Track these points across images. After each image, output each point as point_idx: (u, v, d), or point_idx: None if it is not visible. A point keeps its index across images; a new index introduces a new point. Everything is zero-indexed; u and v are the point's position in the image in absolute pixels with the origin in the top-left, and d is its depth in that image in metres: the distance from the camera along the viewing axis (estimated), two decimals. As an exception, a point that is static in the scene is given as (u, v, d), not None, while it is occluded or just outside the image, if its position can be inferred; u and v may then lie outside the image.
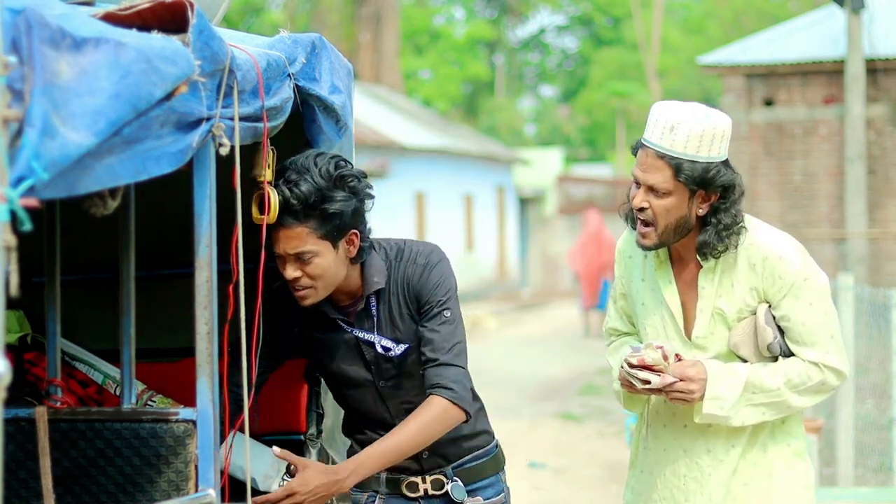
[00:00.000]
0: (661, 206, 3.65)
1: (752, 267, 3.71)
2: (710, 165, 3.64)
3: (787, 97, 17.44)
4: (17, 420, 3.52)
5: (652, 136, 3.65)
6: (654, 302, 3.84)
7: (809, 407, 3.76)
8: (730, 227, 3.68)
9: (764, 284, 3.71)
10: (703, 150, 3.62)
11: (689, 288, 3.79)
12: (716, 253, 3.70)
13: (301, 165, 3.42)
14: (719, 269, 3.74)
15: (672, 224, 3.67)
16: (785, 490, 3.80)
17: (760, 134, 17.51)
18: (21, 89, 2.32)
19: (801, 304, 3.71)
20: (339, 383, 3.68)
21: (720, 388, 3.64)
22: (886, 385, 9.65)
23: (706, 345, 3.75)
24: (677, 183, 3.63)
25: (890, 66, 17.02)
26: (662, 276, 3.81)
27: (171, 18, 2.94)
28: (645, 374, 3.60)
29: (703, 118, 3.63)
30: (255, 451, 3.99)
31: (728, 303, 3.73)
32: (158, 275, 4.53)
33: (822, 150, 17.37)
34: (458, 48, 49.05)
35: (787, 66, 17.30)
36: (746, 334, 3.73)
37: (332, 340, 3.64)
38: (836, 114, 17.24)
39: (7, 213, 2.22)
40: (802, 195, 17.44)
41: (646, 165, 3.65)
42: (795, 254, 3.74)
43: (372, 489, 3.72)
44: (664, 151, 3.62)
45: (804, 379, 3.70)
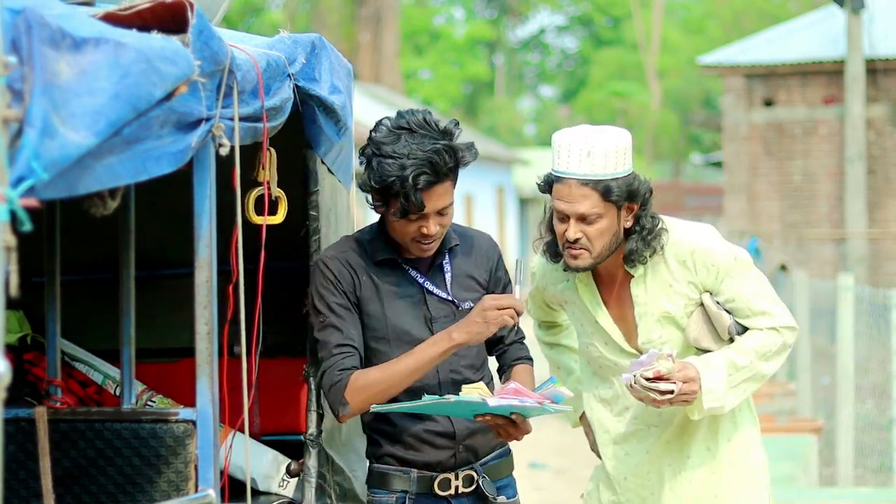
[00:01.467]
0: (595, 231, 3.68)
1: (683, 263, 3.78)
2: (631, 178, 3.69)
3: (787, 97, 17.45)
4: (17, 420, 3.52)
5: (569, 165, 3.66)
6: (589, 322, 3.90)
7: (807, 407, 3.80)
8: (652, 231, 3.74)
9: (700, 276, 3.78)
10: (619, 165, 3.66)
11: (621, 301, 3.84)
12: (643, 259, 3.75)
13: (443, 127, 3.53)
14: (649, 275, 3.79)
15: (606, 244, 3.71)
16: (750, 476, 3.90)
17: (760, 134, 17.51)
18: (21, 89, 2.32)
19: (739, 282, 3.79)
20: (395, 341, 3.59)
21: (711, 381, 3.71)
22: (886, 385, 9.65)
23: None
24: (607, 204, 3.66)
25: (890, 66, 17.03)
26: (590, 300, 3.86)
27: (171, 18, 2.94)
28: (665, 385, 3.61)
29: (610, 136, 3.67)
30: (255, 450, 3.99)
31: (672, 303, 3.79)
32: (158, 275, 4.53)
33: (822, 150, 17.38)
34: (458, 48, 49.06)
35: (787, 66, 17.31)
36: (702, 326, 3.80)
37: (399, 294, 3.61)
38: (836, 114, 17.25)
39: (7, 213, 2.23)
40: (802, 195, 17.44)
41: (571, 196, 3.66)
42: (717, 240, 3.82)
43: (401, 489, 3.63)
44: (588, 177, 3.64)
45: (769, 346, 3.79)
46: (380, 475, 3.65)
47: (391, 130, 3.50)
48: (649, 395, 3.61)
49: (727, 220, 17.86)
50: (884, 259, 17.08)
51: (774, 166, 17.48)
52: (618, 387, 3.89)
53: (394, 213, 3.50)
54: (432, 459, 3.61)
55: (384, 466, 3.64)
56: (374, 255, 3.61)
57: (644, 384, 3.60)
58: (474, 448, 3.65)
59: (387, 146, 3.48)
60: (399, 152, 3.46)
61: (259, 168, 3.43)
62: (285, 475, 4.04)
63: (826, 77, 17.26)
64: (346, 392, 3.51)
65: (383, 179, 3.46)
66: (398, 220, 3.52)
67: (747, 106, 17.46)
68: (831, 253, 17.16)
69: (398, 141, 3.48)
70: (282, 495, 4.03)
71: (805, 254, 17.08)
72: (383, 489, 3.65)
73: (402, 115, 3.54)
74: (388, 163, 3.46)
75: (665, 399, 3.63)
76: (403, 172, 3.44)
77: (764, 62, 17.40)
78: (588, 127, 3.72)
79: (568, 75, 55.91)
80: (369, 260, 3.61)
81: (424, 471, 3.62)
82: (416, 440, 3.61)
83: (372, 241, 3.63)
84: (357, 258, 3.61)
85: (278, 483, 4.04)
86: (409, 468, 3.62)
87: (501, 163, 34.10)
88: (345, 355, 3.54)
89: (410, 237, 3.55)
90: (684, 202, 41.05)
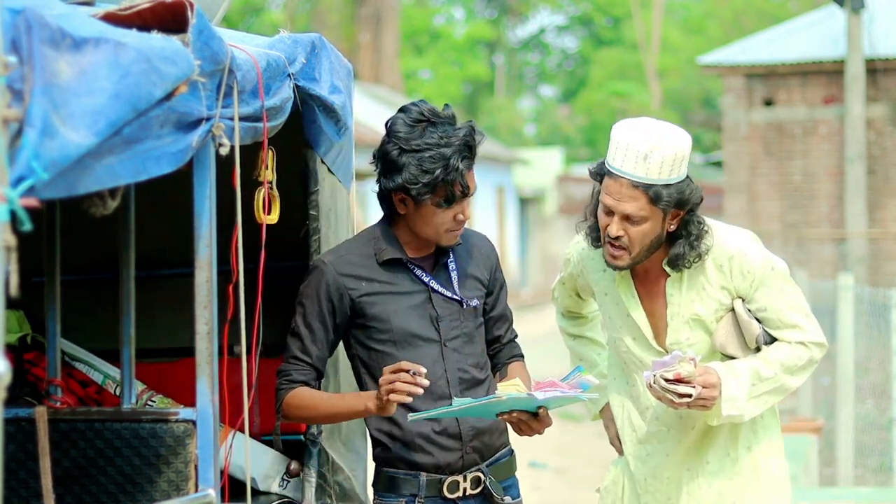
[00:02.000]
0: (637, 231, 3.66)
1: (720, 268, 3.75)
2: (683, 185, 3.65)
3: (787, 97, 17.44)
4: (17, 420, 3.52)
5: (624, 165, 3.62)
6: (620, 316, 3.87)
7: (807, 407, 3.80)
8: (699, 237, 3.72)
9: (735, 282, 3.75)
10: (674, 172, 3.63)
11: (656, 298, 3.82)
12: (688, 263, 3.73)
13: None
14: (686, 276, 3.77)
15: (647, 245, 3.69)
16: (770, 485, 3.85)
17: (760, 134, 17.51)
18: (21, 89, 2.32)
19: (774, 293, 3.76)
20: (401, 343, 3.59)
21: (732, 389, 3.67)
22: (886, 385, 9.65)
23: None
24: (654, 209, 3.63)
25: (890, 66, 17.02)
26: (625, 292, 3.84)
27: (171, 18, 2.94)
28: (683, 387, 3.60)
29: (671, 141, 3.62)
30: (255, 450, 3.99)
31: (704, 307, 3.77)
32: (158, 275, 4.53)
33: (822, 150, 17.37)
34: (458, 48, 49.04)
35: (787, 66, 17.30)
36: (730, 332, 3.78)
37: (405, 294, 3.61)
38: (836, 114, 17.24)
39: (7, 213, 2.23)
40: (802, 195, 17.44)
41: (620, 195, 3.64)
42: (756, 247, 3.79)
43: (410, 493, 3.61)
44: (640, 181, 3.61)
45: (795, 360, 3.77)
46: (388, 479, 3.63)
47: (412, 125, 3.50)
48: (667, 396, 3.60)
49: (727, 220, 17.82)
50: (884, 259, 17.07)
51: (774, 166, 17.47)
52: (640, 384, 3.87)
53: (438, 203, 3.51)
54: (441, 462, 3.60)
55: (392, 470, 3.62)
56: (379, 257, 3.60)
57: (663, 385, 3.59)
58: (480, 449, 3.65)
59: (415, 140, 3.49)
60: (433, 142, 3.48)
61: (260, 168, 3.43)
62: (285, 475, 4.04)
63: (826, 77, 17.24)
64: (283, 405, 3.60)
65: (429, 171, 3.47)
66: (440, 211, 3.53)
67: (747, 106, 17.45)
68: (831, 253, 17.15)
69: (425, 133, 3.49)
70: (282, 495, 4.03)
71: (805, 254, 17.07)
72: (391, 493, 3.63)
73: (410, 109, 3.54)
74: (427, 155, 3.47)
75: (683, 402, 3.61)
76: (448, 159, 3.47)
77: (764, 62, 17.39)
78: (650, 124, 3.65)
79: (568, 75, 55.88)
80: (373, 262, 3.60)
81: (433, 473, 3.61)
82: (425, 442, 3.60)
83: (376, 243, 3.62)
84: (359, 262, 3.60)
85: (278, 483, 4.04)
86: (418, 471, 3.61)
87: (501, 163, 34.09)
88: (297, 368, 3.60)
89: (446, 227, 3.56)
90: (684, 202, 40.95)
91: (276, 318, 3.93)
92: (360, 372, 3.65)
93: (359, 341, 3.63)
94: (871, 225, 16.97)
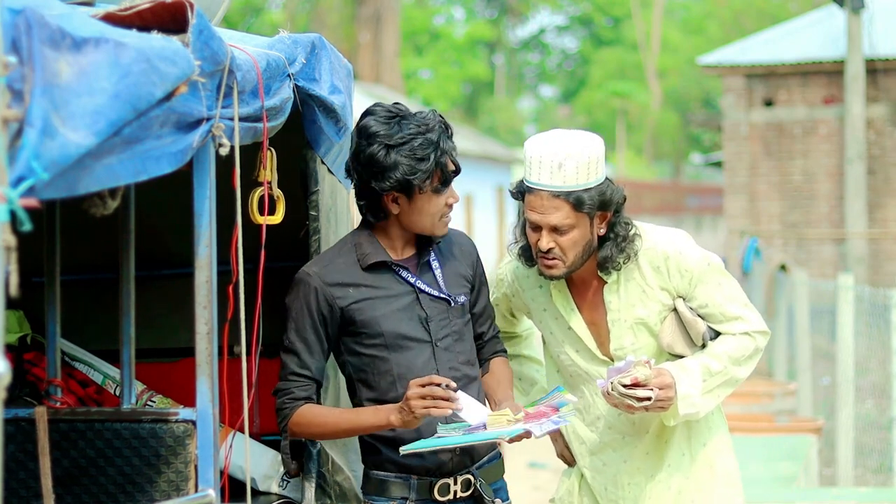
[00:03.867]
0: (567, 240, 3.67)
1: (657, 269, 3.78)
2: (603, 187, 3.67)
3: (787, 97, 17.45)
4: (17, 420, 3.52)
5: (540, 177, 3.64)
6: (561, 330, 3.88)
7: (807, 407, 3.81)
8: (626, 237, 3.74)
9: (673, 282, 3.78)
10: (591, 175, 3.65)
11: (595, 307, 3.84)
12: (617, 266, 3.75)
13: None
14: (622, 281, 3.79)
15: (580, 252, 3.71)
16: (725, 479, 3.90)
17: (760, 134, 17.51)
18: (21, 89, 2.32)
19: (712, 288, 3.79)
20: (392, 346, 3.58)
21: (686, 387, 3.71)
22: (886, 385, 9.64)
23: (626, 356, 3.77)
24: (579, 214, 3.65)
25: (890, 66, 17.03)
26: (563, 305, 3.85)
27: (170, 18, 2.94)
28: (643, 391, 3.61)
29: (582, 147, 3.64)
30: (255, 451, 3.99)
31: (646, 309, 3.79)
32: (158, 275, 4.53)
33: (821, 150, 17.38)
34: (458, 48, 49.06)
35: (787, 66, 17.30)
36: (675, 332, 3.80)
37: (393, 297, 3.60)
38: (835, 114, 17.25)
39: (7, 213, 2.23)
40: (802, 195, 17.44)
41: (543, 208, 3.65)
42: (689, 244, 3.82)
43: (401, 496, 3.61)
44: (559, 190, 3.63)
45: (742, 351, 3.80)
46: (378, 482, 3.62)
47: (387, 122, 3.51)
48: (626, 401, 3.61)
49: (727, 220, 17.86)
50: (884, 259, 17.08)
51: (774, 166, 17.48)
52: (588, 396, 3.89)
53: (436, 188, 3.52)
54: (432, 464, 3.60)
55: (383, 473, 3.61)
56: (363, 262, 3.59)
57: (622, 391, 3.60)
58: (470, 451, 3.65)
59: (398, 135, 3.49)
60: (414, 132, 3.49)
61: (259, 168, 3.43)
62: (285, 475, 4.04)
63: (826, 77, 17.25)
64: (290, 423, 3.58)
65: (424, 157, 3.48)
66: (435, 197, 3.54)
67: (747, 106, 17.46)
68: (831, 253, 17.15)
69: (402, 127, 3.50)
70: (282, 495, 4.03)
71: (805, 254, 17.08)
72: (382, 496, 3.62)
73: (376, 111, 3.54)
74: (417, 144, 3.48)
75: (642, 406, 3.63)
76: (437, 142, 3.50)
77: (764, 62, 17.39)
78: (560, 134, 3.69)
79: (568, 75, 55.91)
80: (357, 268, 3.58)
81: (424, 476, 3.60)
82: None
83: (358, 248, 3.60)
84: (344, 269, 3.58)
85: (278, 483, 4.04)
86: (409, 474, 3.60)
87: (501, 163, 34.10)
88: (299, 384, 3.57)
89: (439, 214, 3.58)
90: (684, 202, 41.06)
91: (276, 318, 3.93)
92: (351, 378, 3.64)
93: (349, 348, 3.61)
94: (871, 225, 16.98)
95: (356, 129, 3.55)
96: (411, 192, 3.51)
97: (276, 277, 3.82)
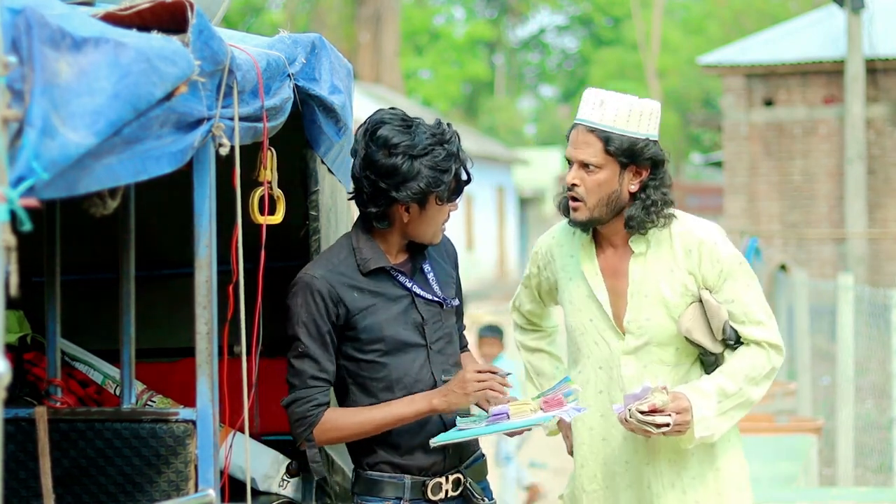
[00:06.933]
0: (592, 181, 3.71)
1: (688, 252, 3.77)
2: (639, 139, 3.71)
3: (787, 97, 17.45)
4: (17, 420, 3.52)
5: (582, 113, 3.74)
6: (581, 297, 3.87)
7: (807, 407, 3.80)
8: (657, 204, 3.74)
9: (703, 269, 3.77)
10: (631, 124, 3.71)
11: (619, 276, 3.83)
12: (643, 229, 3.75)
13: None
14: (651, 255, 3.79)
15: (604, 199, 3.73)
16: (732, 482, 3.87)
17: (760, 134, 17.51)
18: (21, 89, 2.32)
19: (741, 286, 3.79)
20: (391, 352, 3.58)
21: (702, 409, 3.69)
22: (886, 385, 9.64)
23: (639, 331, 3.78)
24: (607, 156, 3.70)
25: (890, 66, 17.03)
26: (589, 270, 3.85)
27: (170, 18, 2.94)
28: (662, 418, 3.61)
29: (631, 97, 3.74)
30: (255, 451, 3.99)
31: (670, 288, 3.77)
32: (158, 275, 4.53)
33: (821, 150, 17.38)
34: (458, 48, 49.05)
35: (787, 66, 17.31)
36: (696, 318, 3.77)
37: (392, 302, 3.60)
38: (835, 114, 17.25)
39: (7, 213, 2.23)
40: (802, 195, 17.44)
41: (577, 142, 3.74)
42: (726, 239, 3.83)
43: (394, 496, 3.60)
44: (594, 125, 3.70)
45: (758, 370, 3.78)
46: (371, 482, 3.62)
47: (404, 131, 3.50)
48: (643, 427, 3.61)
49: (727, 220, 17.86)
50: (884, 259, 17.08)
51: (774, 166, 17.48)
52: (588, 370, 3.86)
53: (450, 196, 3.55)
54: (425, 464, 3.61)
55: (377, 474, 3.61)
56: (364, 267, 3.58)
57: (640, 418, 3.60)
58: (459, 451, 3.67)
59: (420, 145, 3.49)
60: (433, 142, 3.51)
61: (259, 168, 3.43)
62: (285, 475, 4.04)
63: (826, 77, 17.25)
64: (316, 430, 3.54)
65: (447, 169, 3.51)
66: (443, 206, 3.57)
67: (747, 106, 17.46)
68: (831, 253, 17.15)
69: (418, 136, 3.50)
70: (282, 495, 4.03)
71: (805, 254, 17.08)
72: (374, 496, 3.62)
73: (390, 119, 3.53)
74: (437, 154, 3.50)
75: (660, 432, 3.62)
76: (456, 154, 3.53)
77: (764, 62, 17.40)
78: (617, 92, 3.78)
79: (568, 75, 55.90)
80: (358, 273, 3.58)
81: (417, 476, 3.61)
82: (410, 445, 3.60)
83: (358, 253, 3.59)
84: (346, 273, 3.57)
85: (278, 483, 4.04)
86: (402, 474, 3.60)
87: (501, 163, 34.09)
88: (320, 389, 3.55)
89: (440, 223, 3.61)
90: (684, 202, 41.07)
91: (276, 318, 3.93)
92: (345, 382, 3.63)
93: (345, 353, 3.60)
94: (871, 225, 16.98)
95: (369, 137, 3.52)
96: (426, 203, 3.53)
97: (277, 277, 3.81)
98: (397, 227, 3.59)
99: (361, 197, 3.56)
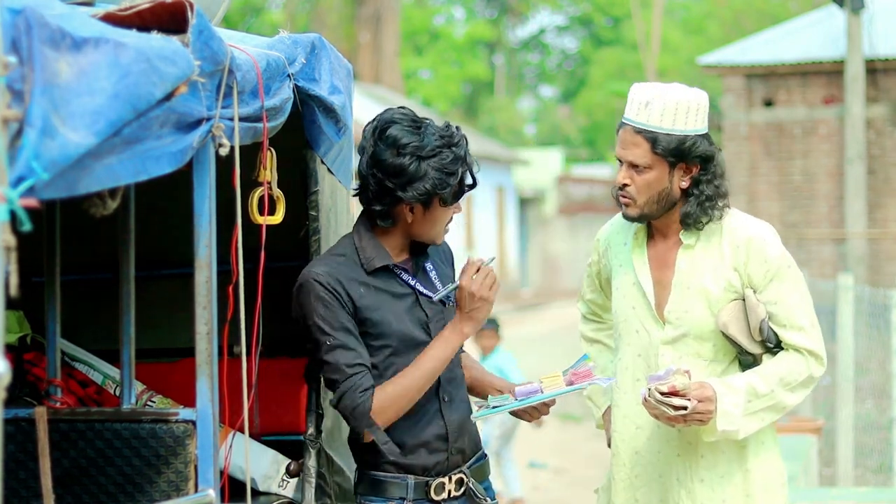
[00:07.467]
0: (642, 181, 3.71)
1: (736, 248, 3.76)
2: (686, 137, 3.69)
3: (787, 97, 17.45)
4: (17, 420, 3.52)
5: (629, 113, 3.73)
6: (628, 285, 3.87)
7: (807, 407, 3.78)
8: (712, 199, 3.74)
9: (750, 267, 3.75)
10: (678, 122, 3.69)
11: (665, 266, 3.82)
12: (699, 224, 3.75)
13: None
14: (699, 248, 3.78)
15: (654, 197, 3.73)
16: (761, 484, 3.82)
17: (760, 134, 17.51)
18: (21, 89, 2.32)
19: (787, 289, 3.76)
20: (398, 348, 3.57)
21: (727, 405, 3.66)
22: (886, 385, 9.65)
23: (677, 321, 3.77)
24: (655, 156, 3.69)
25: (890, 66, 17.02)
26: (638, 258, 3.85)
27: (170, 18, 2.94)
28: (679, 400, 3.59)
29: (677, 93, 3.71)
30: (255, 451, 3.99)
31: (714, 282, 3.75)
32: (158, 275, 4.53)
33: (821, 150, 17.38)
34: (458, 48, 49.04)
35: (786, 66, 17.30)
36: (735, 314, 3.74)
37: (397, 300, 3.60)
38: (835, 114, 17.25)
39: (7, 213, 2.23)
40: (802, 195, 17.44)
41: (625, 143, 3.73)
42: (777, 240, 3.82)
43: (398, 496, 3.60)
44: (641, 126, 3.69)
45: (794, 375, 3.73)
46: (375, 482, 3.62)
47: (413, 131, 3.51)
48: (662, 409, 3.59)
49: (727, 220, 17.81)
50: (884, 259, 17.07)
51: (774, 166, 17.48)
52: (627, 359, 3.86)
53: (454, 198, 3.56)
54: (429, 463, 3.61)
55: (381, 474, 3.61)
56: (368, 265, 3.58)
57: (658, 398, 3.58)
58: (462, 450, 3.68)
59: (428, 147, 3.50)
60: (441, 143, 3.52)
61: (259, 168, 3.43)
62: (285, 475, 4.04)
63: (826, 77, 17.25)
64: (373, 413, 3.50)
65: (453, 172, 3.52)
66: (447, 208, 3.57)
67: (747, 106, 17.46)
68: (831, 253, 17.15)
69: (427, 137, 3.52)
70: (282, 495, 4.03)
71: (805, 254, 17.07)
72: (378, 496, 3.62)
73: (400, 119, 3.53)
74: (444, 156, 3.51)
75: (678, 415, 3.60)
76: (464, 157, 3.55)
77: (764, 62, 17.39)
78: (673, 83, 3.76)
79: (568, 75, 55.89)
80: (363, 271, 3.58)
81: (421, 476, 3.61)
82: (414, 444, 3.60)
83: (361, 252, 3.59)
84: (351, 271, 3.56)
85: (278, 483, 4.04)
86: (406, 474, 3.60)
87: (501, 163, 34.08)
88: (361, 375, 3.51)
89: (444, 224, 3.62)
90: (684, 202, 40.93)
91: (276, 318, 3.93)
92: None
93: None
94: (871, 225, 16.97)
95: (378, 135, 3.52)
96: (430, 203, 3.53)
97: (277, 277, 3.82)
98: (401, 227, 3.59)
99: (366, 194, 3.56)
